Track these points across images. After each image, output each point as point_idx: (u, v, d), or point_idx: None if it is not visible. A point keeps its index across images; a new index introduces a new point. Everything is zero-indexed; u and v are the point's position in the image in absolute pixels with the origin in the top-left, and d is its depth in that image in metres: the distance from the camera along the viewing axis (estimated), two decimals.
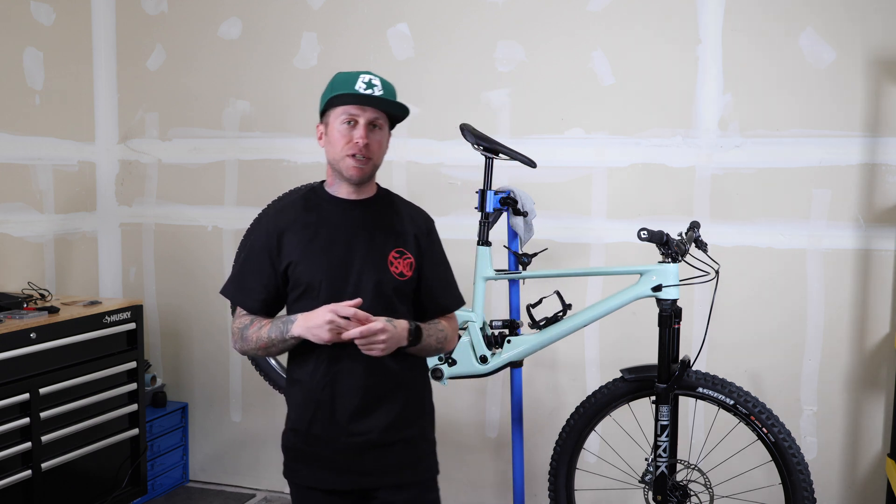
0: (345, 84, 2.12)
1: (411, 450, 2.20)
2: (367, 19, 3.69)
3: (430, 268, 2.22)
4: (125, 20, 4.06)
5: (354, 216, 2.16)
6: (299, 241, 2.13)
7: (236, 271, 2.25)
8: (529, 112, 3.51)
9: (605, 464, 3.36)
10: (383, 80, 2.14)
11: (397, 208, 2.24)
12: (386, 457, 2.15)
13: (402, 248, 2.16)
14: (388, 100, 2.11)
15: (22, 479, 2.97)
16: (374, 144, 2.12)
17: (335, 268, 2.11)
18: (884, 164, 3.14)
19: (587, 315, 2.78)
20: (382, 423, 2.13)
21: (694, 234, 2.83)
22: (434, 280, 2.23)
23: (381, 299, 2.11)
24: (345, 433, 2.12)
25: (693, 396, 2.73)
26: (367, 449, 2.13)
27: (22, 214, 3.64)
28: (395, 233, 2.17)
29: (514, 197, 2.92)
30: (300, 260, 2.12)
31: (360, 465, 2.14)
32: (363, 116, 2.09)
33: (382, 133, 2.14)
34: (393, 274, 2.13)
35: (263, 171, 3.89)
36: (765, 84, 3.23)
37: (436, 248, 2.26)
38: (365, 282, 2.11)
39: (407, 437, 2.18)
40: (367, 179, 2.17)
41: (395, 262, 2.15)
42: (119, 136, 4.12)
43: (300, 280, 2.12)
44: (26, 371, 2.99)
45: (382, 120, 2.13)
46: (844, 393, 3.25)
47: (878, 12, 3.10)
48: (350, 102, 2.09)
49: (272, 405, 3.95)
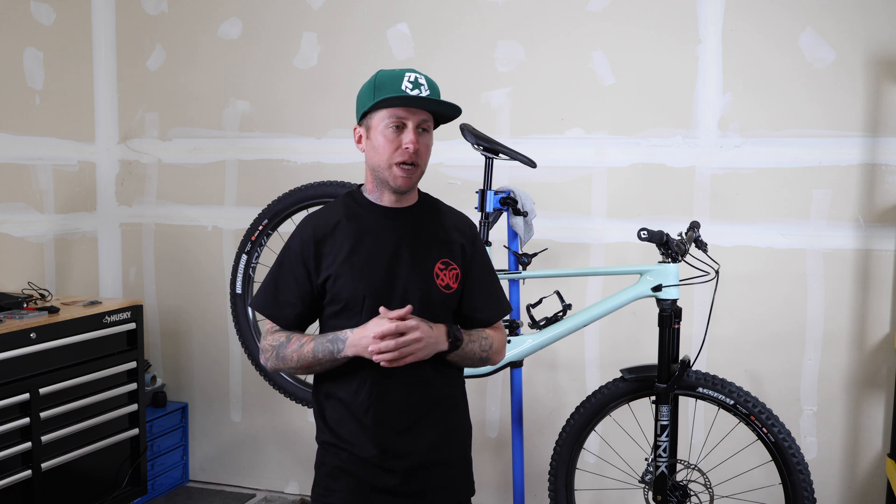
0: (390, 84, 1.93)
1: (451, 471, 2.08)
2: (367, 19, 3.69)
3: (475, 278, 2.07)
4: (125, 20, 4.06)
5: (397, 226, 2.00)
6: (339, 253, 1.97)
7: (269, 283, 2.05)
8: (529, 112, 3.51)
9: (605, 464, 3.36)
10: (428, 79, 1.98)
11: (441, 216, 2.08)
12: (426, 479, 2.02)
13: (447, 259, 2.02)
14: (440, 100, 1.94)
15: (22, 479, 2.97)
16: (423, 149, 1.95)
17: (378, 283, 1.95)
18: (884, 164, 3.14)
19: (587, 315, 2.78)
20: (426, 445, 2.01)
21: (694, 234, 2.83)
22: (477, 291, 2.07)
23: (428, 314, 1.95)
24: (387, 455, 1.98)
25: (693, 396, 2.73)
26: (409, 470, 2.00)
27: (22, 214, 3.64)
28: (439, 243, 2.02)
29: (514, 197, 2.92)
30: (340, 273, 1.96)
31: (400, 486, 2.00)
32: (412, 119, 1.92)
33: (430, 136, 1.98)
34: (440, 287, 1.99)
35: (263, 171, 3.89)
36: (765, 84, 3.23)
37: (480, 256, 2.10)
38: (411, 297, 1.95)
39: (448, 457, 2.06)
40: (413, 188, 2.02)
41: (442, 274, 2.00)
42: (119, 136, 4.12)
43: (339, 295, 1.97)
44: (26, 371, 2.99)
45: (430, 122, 1.98)
46: (844, 393, 3.25)
47: (878, 12, 3.10)
48: (398, 105, 1.91)
49: (272, 405, 3.95)
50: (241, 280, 3.24)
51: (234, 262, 3.25)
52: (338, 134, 3.75)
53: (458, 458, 2.10)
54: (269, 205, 3.21)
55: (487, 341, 2.06)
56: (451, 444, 2.07)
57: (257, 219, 3.23)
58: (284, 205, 3.18)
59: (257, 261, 3.24)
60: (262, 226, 3.21)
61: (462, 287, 2.05)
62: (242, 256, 3.23)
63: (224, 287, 3.93)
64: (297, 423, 3.94)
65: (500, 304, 2.13)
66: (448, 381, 2.06)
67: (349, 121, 3.74)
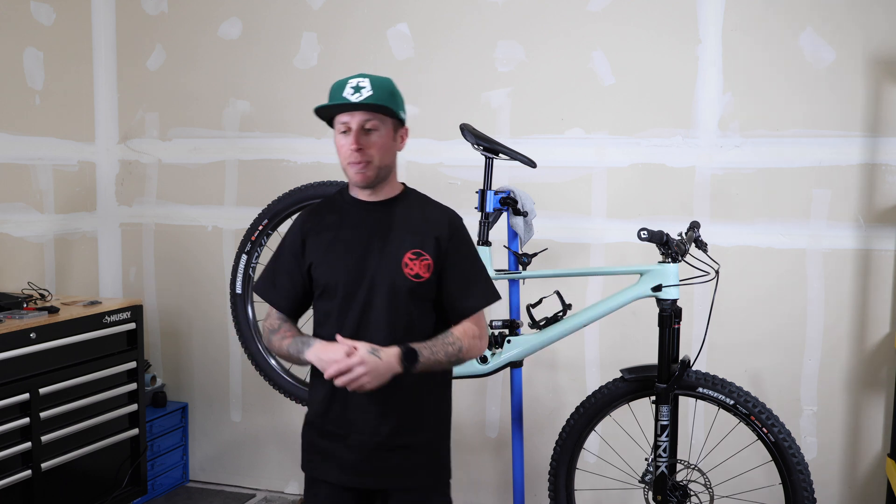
0: (335, 92, 2.11)
1: (419, 455, 2.18)
2: (367, 19, 3.69)
3: (451, 269, 2.16)
4: (125, 20, 4.06)
5: (373, 218, 2.17)
6: (321, 243, 2.18)
7: (268, 270, 2.28)
8: (529, 112, 3.51)
9: (605, 464, 3.36)
10: (375, 80, 2.11)
11: (419, 208, 2.21)
12: (392, 459, 2.15)
13: (419, 250, 2.13)
14: (370, 103, 2.06)
15: (22, 479, 2.97)
16: (372, 147, 2.09)
17: (350, 270, 2.13)
18: (884, 164, 3.14)
19: (587, 315, 2.78)
20: (391, 427, 2.13)
21: (694, 234, 2.83)
22: (453, 282, 2.16)
23: (396, 301, 2.11)
24: (355, 432, 2.14)
25: (693, 396, 2.73)
26: (374, 450, 2.14)
27: (22, 214, 3.64)
28: (412, 234, 2.15)
29: (514, 197, 2.92)
30: (320, 261, 2.17)
31: (366, 464, 2.15)
32: (354, 122, 2.08)
33: (380, 133, 2.10)
34: (407, 276, 2.11)
35: (263, 171, 3.89)
36: (765, 84, 3.23)
37: (460, 247, 2.19)
38: (379, 284, 2.11)
39: (415, 442, 2.17)
40: (376, 182, 2.14)
41: (411, 263, 2.12)
42: (119, 136, 4.12)
43: (319, 282, 2.17)
44: (26, 371, 2.99)
45: (377, 121, 2.09)
46: (844, 393, 3.25)
47: (878, 12, 3.10)
48: (336, 112, 2.11)
49: (272, 405, 3.95)
50: (241, 280, 3.24)
51: (234, 262, 3.25)
52: None
53: (426, 444, 2.20)
54: (269, 205, 3.21)
55: (454, 346, 2.13)
56: (419, 430, 2.18)
57: (257, 219, 3.22)
58: (284, 205, 3.18)
59: (257, 261, 3.24)
60: (262, 226, 3.20)
61: (438, 277, 2.15)
62: (242, 256, 3.23)
63: (224, 287, 3.93)
64: (297, 423, 3.91)
65: (481, 294, 2.20)
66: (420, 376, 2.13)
67: None
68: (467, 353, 2.16)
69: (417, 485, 2.19)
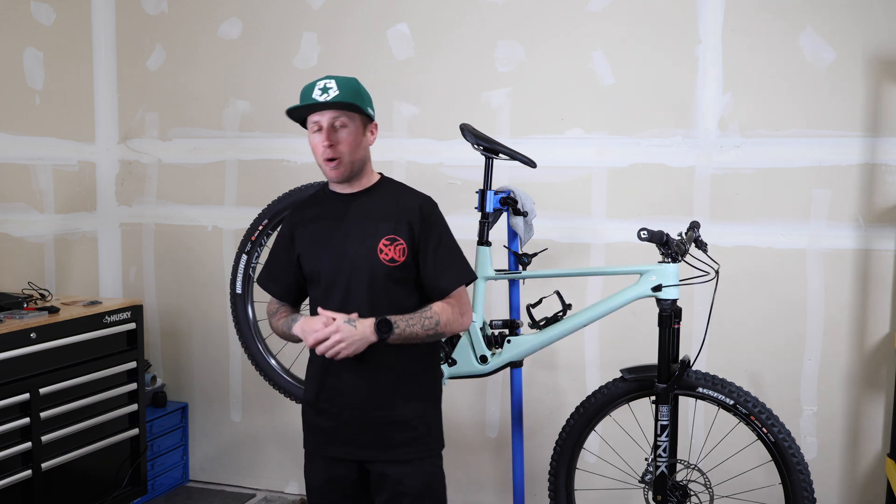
0: (305, 94, 2.24)
1: (411, 426, 2.31)
2: (367, 19, 3.69)
3: (425, 252, 2.29)
4: (125, 20, 4.06)
5: (350, 209, 2.32)
6: (306, 235, 2.34)
7: (267, 262, 2.48)
8: (529, 112, 3.51)
9: (605, 464, 3.36)
10: (340, 80, 2.24)
11: (393, 196, 2.34)
12: (383, 431, 2.29)
13: (393, 235, 2.26)
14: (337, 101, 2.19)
15: (22, 479, 2.97)
16: (342, 144, 2.23)
17: (331, 258, 2.28)
18: (884, 164, 3.14)
19: (587, 315, 2.78)
20: (380, 400, 2.28)
21: (694, 234, 2.83)
22: (429, 263, 2.29)
23: (376, 285, 2.25)
24: (347, 407, 2.29)
25: (693, 396, 2.73)
26: (366, 423, 2.28)
27: (22, 214, 3.64)
28: (387, 220, 2.28)
29: (514, 197, 2.92)
30: (306, 252, 2.33)
31: (360, 438, 2.29)
32: (324, 120, 2.22)
33: (349, 130, 2.23)
34: (383, 261, 2.25)
35: (263, 171, 3.89)
36: (765, 84, 3.24)
37: (433, 230, 2.31)
38: (357, 270, 2.26)
39: (406, 413, 2.30)
40: (350, 176, 2.29)
41: (386, 248, 2.25)
42: (119, 136, 4.12)
43: (306, 270, 2.35)
44: (26, 371, 2.99)
45: (345, 118, 2.22)
46: (844, 393, 3.25)
47: (878, 12, 3.10)
48: (304, 113, 2.24)
49: (272, 405, 3.95)
50: (241, 280, 3.24)
51: (234, 262, 3.25)
52: None
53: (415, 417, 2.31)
54: (269, 205, 3.21)
55: (431, 320, 2.25)
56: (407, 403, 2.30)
57: (257, 219, 3.22)
58: (284, 205, 3.17)
59: (257, 261, 3.24)
60: (262, 226, 3.20)
61: (413, 260, 2.28)
62: (242, 256, 3.23)
63: (224, 287, 3.93)
64: (297, 423, 3.90)
65: (455, 273, 2.32)
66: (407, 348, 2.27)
67: None
68: (446, 327, 2.28)
69: (410, 456, 2.31)
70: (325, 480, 2.36)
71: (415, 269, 2.30)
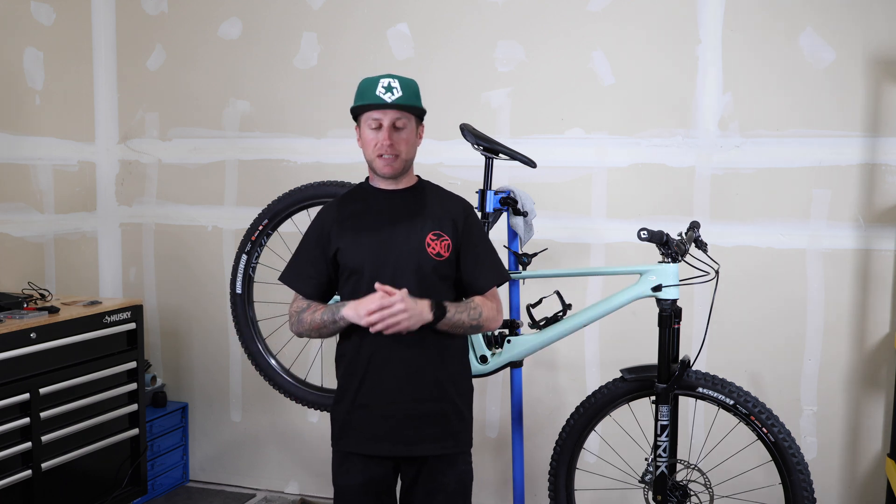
0: (367, 90, 2.31)
1: (448, 423, 2.36)
2: (367, 19, 3.69)
3: (466, 250, 2.38)
4: (125, 20, 4.06)
5: (395, 204, 2.38)
6: (346, 230, 2.36)
7: (294, 260, 2.47)
8: (529, 112, 3.51)
9: (605, 464, 3.36)
10: (403, 81, 2.32)
11: (436, 196, 2.44)
12: (422, 427, 2.32)
13: (439, 231, 2.34)
14: (401, 105, 2.29)
15: (22, 479, 2.97)
16: (400, 143, 2.32)
17: (376, 252, 2.32)
18: (884, 164, 3.14)
19: (587, 315, 2.78)
20: (416, 396, 2.32)
21: (694, 234, 2.83)
22: (469, 262, 2.38)
23: (421, 279, 2.30)
24: (386, 403, 2.32)
25: (693, 396, 2.73)
26: (405, 419, 2.32)
27: (22, 214, 3.64)
28: (432, 217, 2.36)
29: (514, 197, 2.92)
30: (347, 246, 2.35)
31: (398, 433, 2.32)
32: (385, 119, 2.30)
33: (407, 130, 2.33)
34: (430, 255, 2.31)
35: (263, 171, 3.89)
36: (765, 84, 3.24)
37: (473, 230, 2.41)
38: (404, 263, 2.30)
39: (444, 410, 2.35)
40: (400, 173, 2.37)
41: (433, 243, 2.33)
42: (119, 136, 4.12)
43: (347, 264, 2.35)
44: (26, 371, 2.99)
45: (405, 119, 2.32)
46: (844, 393, 3.25)
47: (878, 12, 3.10)
48: (371, 109, 2.30)
49: (272, 405, 3.95)
50: (241, 280, 3.24)
51: (234, 262, 3.25)
52: (338, 134, 3.75)
53: (450, 413, 2.37)
54: (269, 205, 3.21)
55: (476, 311, 2.35)
56: (443, 399, 2.35)
57: (257, 219, 3.22)
58: (284, 205, 3.17)
59: (257, 261, 3.24)
60: (262, 226, 3.20)
61: (456, 257, 2.36)
62: (242, 256, 3.23)
63: (224, 287, 3.93)
64: (297, 423, 3.94)
65: (493, 273, 2.42)
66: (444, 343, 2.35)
67: (349, 121, 3.71)
68: (485, 321, 2.37)
69: (446, 451, 2.36)
70: (361, 483, 2.37)
71: (456, 267, 2.37)
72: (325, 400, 3.13)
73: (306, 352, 3.70)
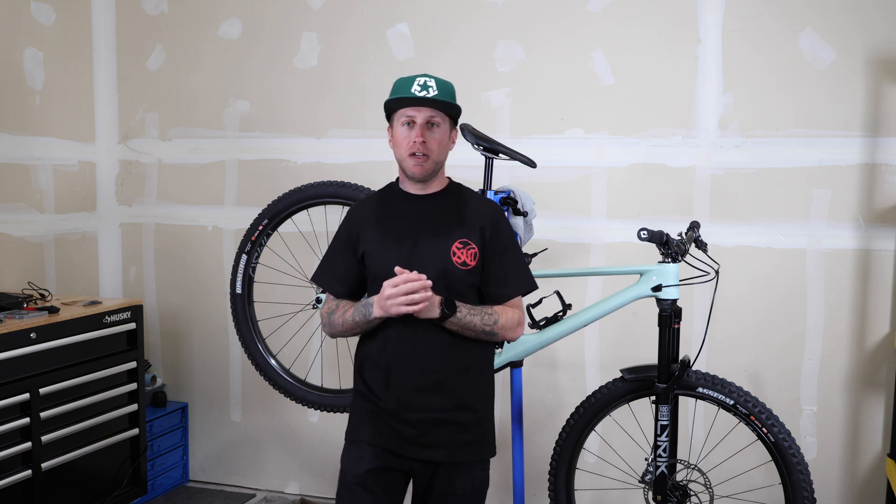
0: (402, 87, 2.26)
1: (470, 430, 2.31)
2: (367, 19, 3.69)
3: (491, 258, 2.31)
4: (125, 20, 4.06)
5: (422, 210, 2.32)
6: (373, 234, 2.32)
7: (325, 261, 2.43)
8: (529, 112, 3.51)
9: (605, 464, 3.36)
10: (439, 81, 2.27)
11: (465, 201, 2.36)
12: (443, 434, 2.27)
13: (465, 239, 2.28)
14: (439, 100, 2.23)
15: (22, 479, 2.97)
16: (433, 142, 2.26)
17: (401, 258, 2.25)
18: (884, 164, 3.14)
19: (587, 315, 2.78)
20: (440, 403, 2.26)
21: (694, 234, 2.83)
22: (495, 268, 2.31)
23: (446, 288, 2.24)
24: (403, 408, 2.26)
25: (693, 396, 2.73)
26: (429, 424, 2.26)
27: (22, 214, 3.64)
28: (460, 224, 2.30)
29: (514, 197, 2.92)
30: (372, 251, 2.31)
31: (419, 438, 2.27)
32: (419, 117, 2.24)
33: (441, 130, 2.27)
34: (455, 264, 2.26)
35: (263, 171, 3.89)
36: (765, 84, 3.24)
37: (501, 238, 2.34)
38: (428, 271, 2.21)
39: (467, 418, 2.30)
40: (431, 175, 2.31)
41: (459, 252, 2.27)
42: (119, 136, 4.12)
43: (371, 269, 2.32)
44: (26, 371, 2.99)
45: (440, 118, 2.26)
46: (844, 393, 3.25)
47: (878, 12, 3.11)
48: (405, 105, 2.24)
49: (272, 405, 3.95)
50: (241, 280, 3.24)
51: (234, 262, 3.25)
52: (338, 134, 3.76)
53: (472, 421, 2.32)
54: (269, 205, 3.21)
55: (492, 317, 2.27)
56: (466, 408, 2.30)
57: (257, 219, 3.22)
58: (284, 205, 3.18)
59: (257, 261, 3.24)
60: (262, 226, 3.20)
61: (482, 265, 2.30)
62: (242, 256, 3.23)
63: (224, 287, 3.93)
64: (297, 423, 3.94)
65: (517, 282, 2.35)
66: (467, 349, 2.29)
67: (349, 121, 3.75)
68: (501, 329, 2.29)
69: (464, 458, 2.31)
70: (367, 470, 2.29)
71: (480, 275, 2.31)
72: (325, 400, 3.13)
73: (306, 352, 3.70)
